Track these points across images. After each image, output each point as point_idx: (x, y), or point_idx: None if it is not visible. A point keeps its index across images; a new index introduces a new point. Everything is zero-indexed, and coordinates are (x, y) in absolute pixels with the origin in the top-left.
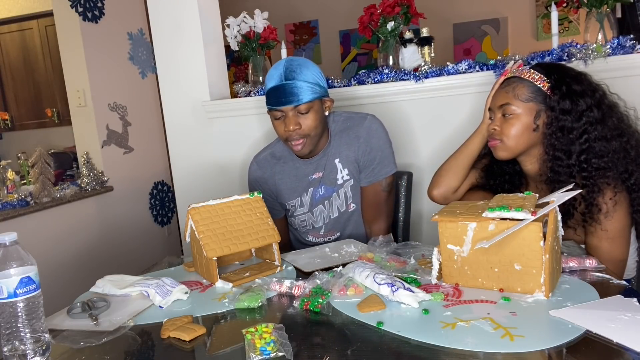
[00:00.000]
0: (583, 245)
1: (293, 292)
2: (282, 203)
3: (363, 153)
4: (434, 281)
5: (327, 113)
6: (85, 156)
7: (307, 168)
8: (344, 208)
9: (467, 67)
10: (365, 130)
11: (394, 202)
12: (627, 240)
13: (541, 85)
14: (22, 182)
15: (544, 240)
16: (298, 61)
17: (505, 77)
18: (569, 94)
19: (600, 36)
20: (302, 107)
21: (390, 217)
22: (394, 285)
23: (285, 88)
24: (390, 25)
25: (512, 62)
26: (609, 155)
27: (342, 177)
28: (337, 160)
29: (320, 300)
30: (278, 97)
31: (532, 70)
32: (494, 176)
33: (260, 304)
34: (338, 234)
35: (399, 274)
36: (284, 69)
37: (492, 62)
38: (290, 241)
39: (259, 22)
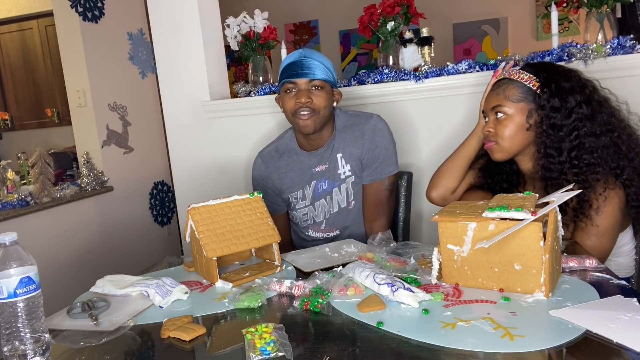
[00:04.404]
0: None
1: (293, 292)
2: (285, 197)
3: (367, 150)
4: (434, 281)
5: (335, 104)
6: (85, 156)
7: (311, 160)
8: (344, 204)
9: (467, 67)
10: (371, 128)
11: (395, 203)
12: (615, 237)
13: (531, 84)
14: (22, 182)
15: (544, 240)
16: (314, 50)
17: (497, 78)
18: (558, 91)
19: (600, 36)
20: (317, 82)
21: (391, 216)
22: (394, 285)
23: (303, 62)
24: (390, 25)
25: (504, 63)
26: (599, 151)
27: (344, 172)
28: (339, 155)
29: (320, 300)
30: (294, 70)
31: (522, 71)
32: (492, 175)
33: (260, 304)
34: (337, 231)
35: (399, 274)
36: (302, 50)
37: (492, 62)
38: (292, 239)
39: (259, 22)
